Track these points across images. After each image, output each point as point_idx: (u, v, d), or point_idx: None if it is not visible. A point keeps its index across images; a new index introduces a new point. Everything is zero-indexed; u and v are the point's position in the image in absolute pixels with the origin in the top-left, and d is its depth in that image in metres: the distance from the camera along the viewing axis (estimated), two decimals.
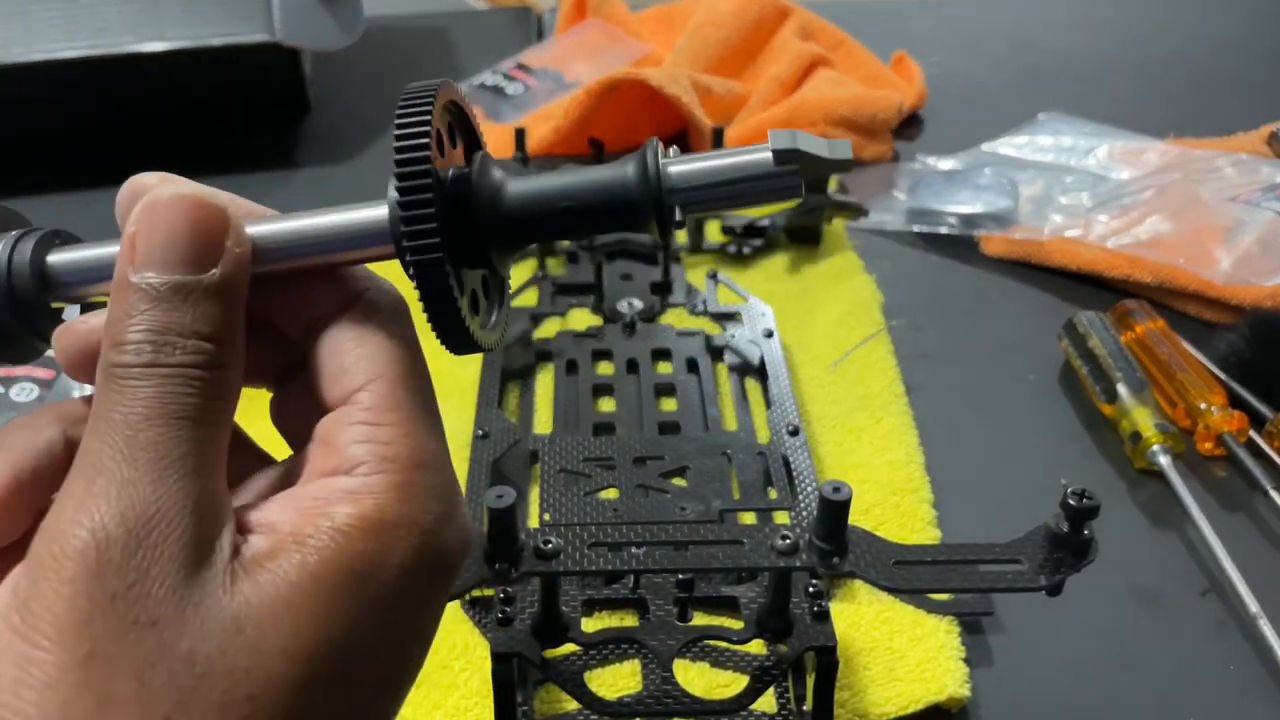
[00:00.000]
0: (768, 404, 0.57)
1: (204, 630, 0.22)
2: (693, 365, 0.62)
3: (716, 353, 0.63)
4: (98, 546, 0.21)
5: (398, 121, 0.24)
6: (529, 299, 0.66)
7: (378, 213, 0.25)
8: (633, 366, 0.62)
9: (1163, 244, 0.70)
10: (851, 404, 0.60)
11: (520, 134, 0.76)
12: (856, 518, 0.40)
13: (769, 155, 0.24)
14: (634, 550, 0.40)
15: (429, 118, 0.24)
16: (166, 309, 0.23)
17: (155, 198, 0.24)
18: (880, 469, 0.56)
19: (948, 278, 0.74)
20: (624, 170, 0.25)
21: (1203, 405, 0.57)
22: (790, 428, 0.54)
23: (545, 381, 0.62)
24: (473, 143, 0.27)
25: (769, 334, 0.61)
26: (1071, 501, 0.38)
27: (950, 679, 0.44)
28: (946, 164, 0.85)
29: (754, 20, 0.98)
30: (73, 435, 0.26)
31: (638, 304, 0.66)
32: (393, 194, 0.24)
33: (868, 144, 0.88)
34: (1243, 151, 0.81)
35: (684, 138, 0.88)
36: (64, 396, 0.62)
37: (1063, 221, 0.75)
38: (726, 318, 0.65)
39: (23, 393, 0.61)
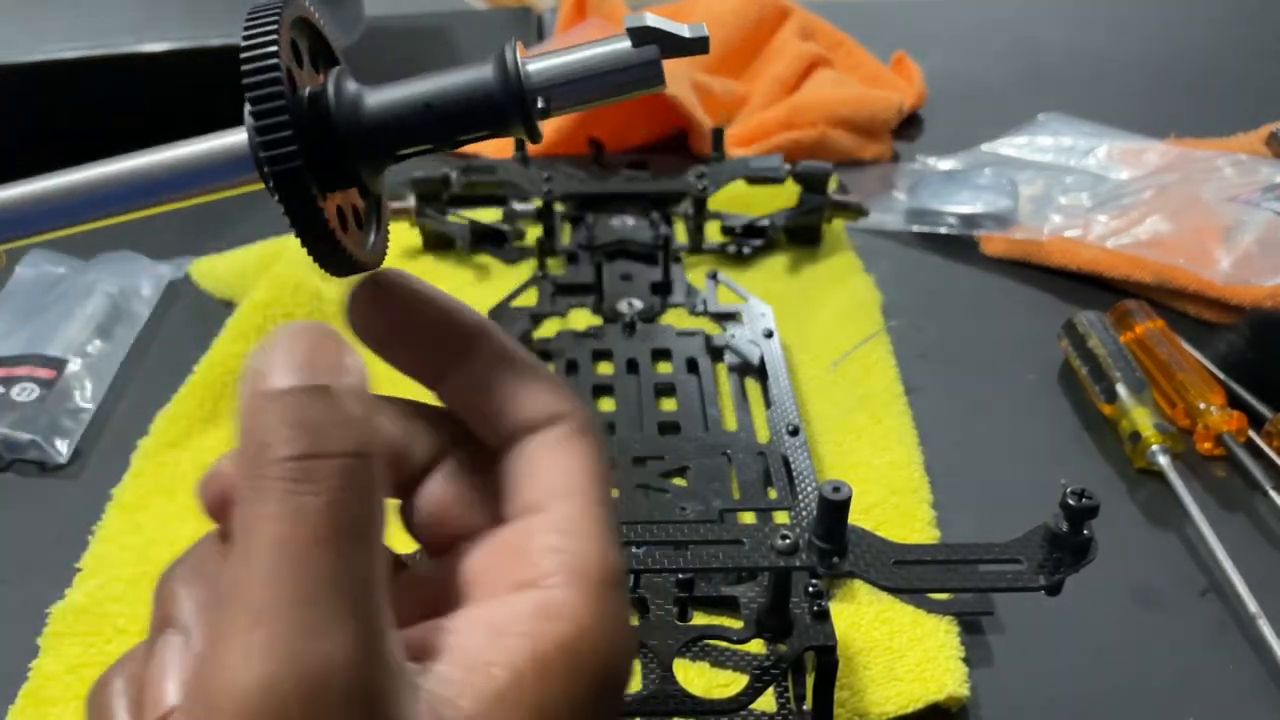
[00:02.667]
0: (767, 404, 0.57)
1: None
2: (693, 365, 0.62)
3: (716, 353, 0.63)
4: (272, 711, 0.18)
5: (243, 38, 0.23)
6: (529, 299, 0.66)
7: (235, 140, 0.24)
8: (633, 366, 0.62)
9: (1162, 244, 0.70)
10: (851, 404, 0.60)
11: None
12: (856, 517, 0.40)
13: (626, 43, 0.24)
14: (634, 550, 0.40)
15: (275, 29, 0.23)
16: (311, 405, 0.21)
17: (260, 349, 0.22)
18: (880, 469, 0.56)
19: (947, 278, 0.74)
20: (484, 70, 0.24)
21: (1202, 405, 0.57)
22: (790, 428, 0.54)
23: None
24: (331, 58, 0.26)
25: (769, 334, 0.61)
26: (1071, 501, 0.38)
27: (950, 678, 0.44)
28: (946, 164, 0.85)
29: (754, 20, 0.98)
30: None
31: (638, 304, 0.66)
32: (249, 117, 0.23)
33: (868, 144, 0.88)
34: (1242, 152, 0.81)
35: (684, 138, 0.88)
36: (66, 398, 0.62)
37: (1062, 221, 0.75)
38: (726, 318, 0.65)
39: (23, 392, 0.61)
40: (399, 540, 0.25)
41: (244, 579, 0.19)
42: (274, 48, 0.22)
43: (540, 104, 0.24)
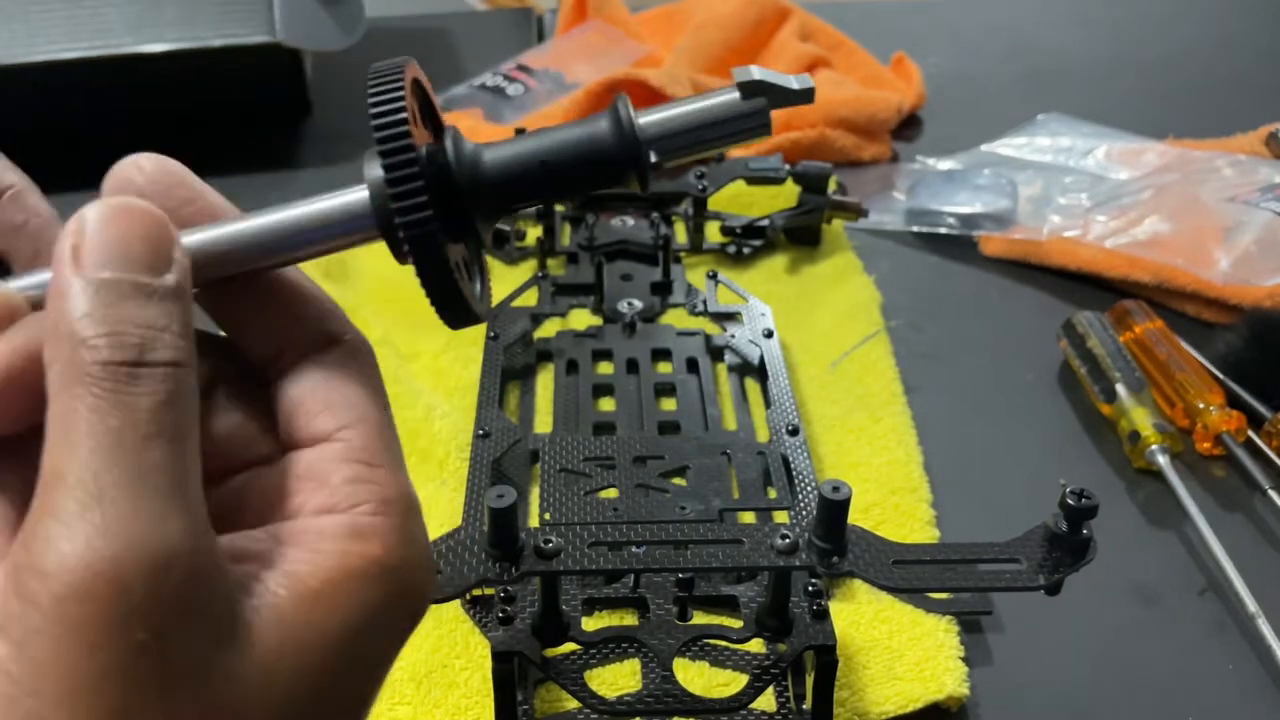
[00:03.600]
0: (767, 404, 0.57)
1: (237, 686, 0.20)
2: (693, 365, 0.62)
3: (716, 353, 0.64)
4: (116, 588, 0.18)
5: (372, 101, 0.23)
6: (529, 299, 0.67)
7: (357, 196, 0.25)
8: (633, 366, 0.62)
9: (1161, 244, 0.70)
10: (851, 404, 0.61)
11: (521, 135, 0.76)
12: (856, 517, 0.40)
13: (735, 95, 0.25)
14: (634, 549, 0.40)
15: (403, 93, 0.24)
16: (136, 304, 0.21)
17: (91, 207, 0.22)
18: (879, 468, 0.56)
19: (947, 278, 0.74)
20: (598, 126, 0.25)
21: (1201, 405, 0.57)
22: (790, 427, 0.54)
23: (545, 381, 0.63)
24: (436, 121, 0.27)
25: (769, 334, 0.61)
26: (1070, 501, 0.38)
27: (949, 678, 0.44)
28: (946, 164, 0.85)
29: (754, 21, 0.98)
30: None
31: (638, 304, 0.66)
32: (375, 174, 0.24)
33: (867, 145, 0.88)
34: (1241, 152, 0.81)
35: None
36: None
37: (1062, 222, 0.75)
38: (726, 318, 0.65)
39: None
40: None
41: (71, 465, 0.19)
42: (404, 111, 0.23)
43: (653, 157, 0.25)
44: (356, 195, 0.25)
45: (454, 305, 0.25)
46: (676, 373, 0.61)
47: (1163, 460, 0.55)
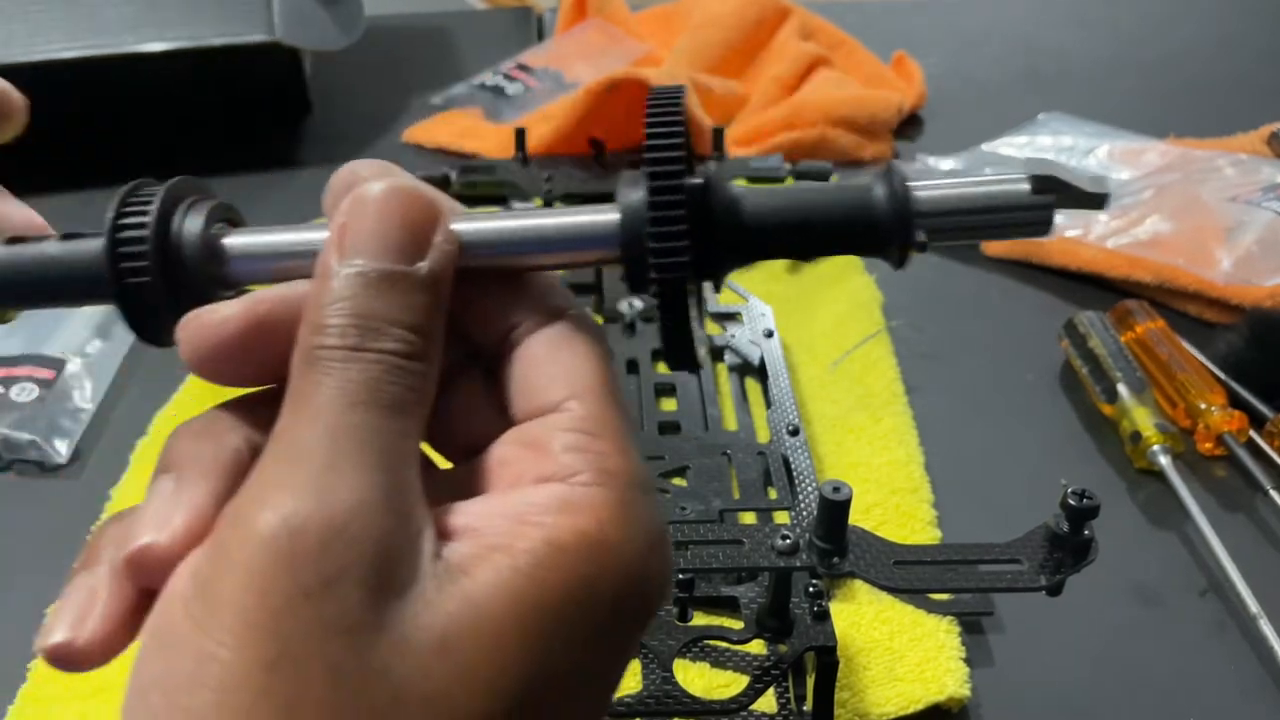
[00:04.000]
0: (768, 404, 0.57)
1: (404, 646, 0.19)
2: None
3: (717, 353, 0.63)
4: (291, 535, 0.19)
5: (651, 126, 0.23)
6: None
7: (608, 217, 0.24)
8: (633, 366, 0.62)
9: (1163, 244, 0.70)
10: (851, 404, 0.60)
11: (520, 134, 0.76)
12: (856, 518, 0.40)
13: (1025, 186, 0.23)
14: None
15: (681, 122, 0.23)
16: (374, 295, 0.22)
17: (367, 189, 0.23)
18: (880, 469, 0.56)
19: (948, 278, 0.74)
20: (870, 191, 0.24)
21: (1203, 405, 0.57)
22: (790, 428, 0.54)
23: None
24: (690, 152, 0.26)
25: (769, 334, 0.61)
26: (1071, 501, 0.38)
27: (950, 679, 0.44)
28: (947, 164, 0.85)
29: (754, 20, 0.98)
30: (257, 444, 0.23)
31: (638, 304, 0.66)
32: (633, 199, 0.23)
33: (868, 144, 0.88)
34: (1243, 151, 0.81)
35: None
36: (65, 398, 0.62)
37: (1063, 221, 0.75)
38: (726, 318, 0.65)
39: (23, 393, 0.61)
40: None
41: (288, 429, 0.21)
42: (680, 146, 0.22)
43: (921, 235, 0.23)
44: (606, 216, 0.24)
45: (684, 348, 0.24)
46: (677, 373, 0.61)
47: (1164, 460, 0.55)
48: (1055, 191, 0.23)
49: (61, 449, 0.59)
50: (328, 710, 0.19)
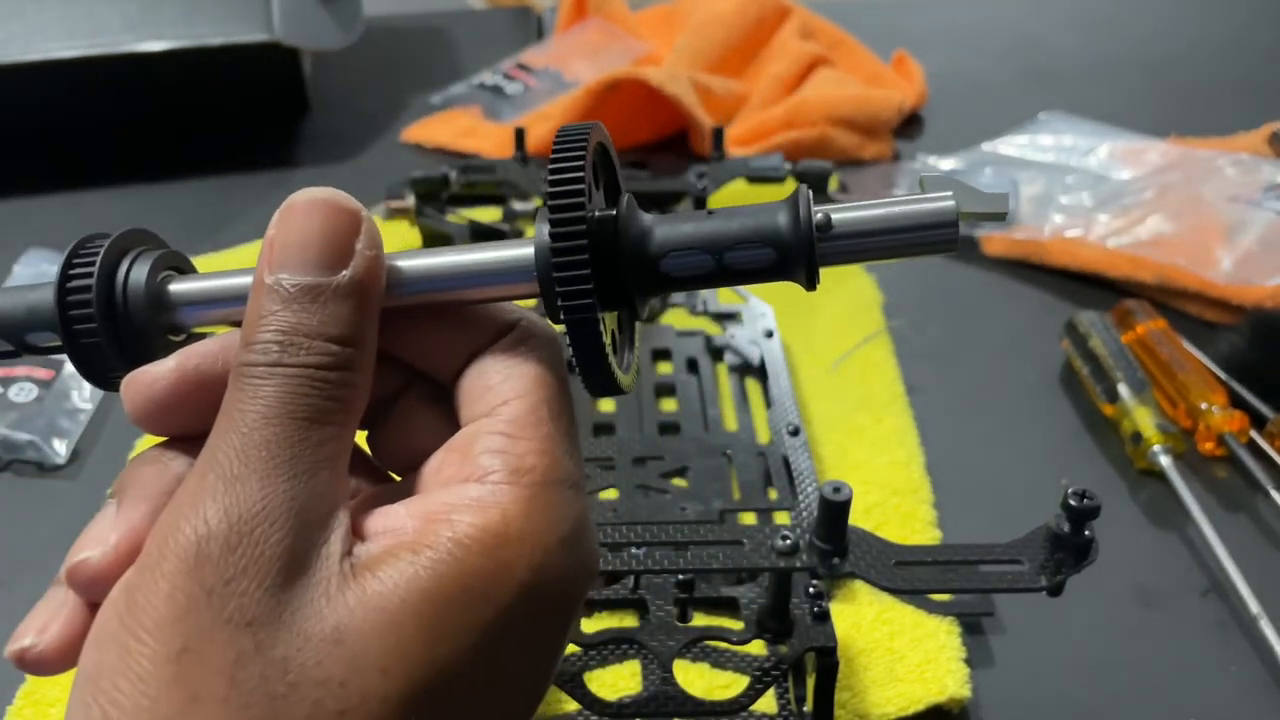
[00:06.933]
0: (768, 404, 0.56)
1: (300, 636, 0.21)
2: (693, 365, 0.62)
3: (717, 353, 0.63)
4: (199, 541, 0.21)
5: (553, 164, 0.24)
6: (529, 300, 0.66)
7: (522, 252, 0.25)
8: None
9: (1164, 244, 0.70)
10: (852, 404, 0.60)
11: (520, 134, 0.76)
12: (857, 518, 0.40)
13: (928, 205, 0.24)
14: (634, 550, 0.40)
15: (583, 161, 0.23)
16: (296, 310, 0.23)
17: (290, 202, 0.24)
18: (881, 469, 0.55)
19: (948, 278, 0.74)
20: (775, 216, 0.24)
21: (1204, 405, 0.57)
22: (790, 428, 0.54)
23: None
24: (614, 184, 0.27)
25: (769, 334, 0.61)
26: (1072, 502, 0.38)
27: (951, 679, 0.44)
28: (947, 163, 0.85)
29: (754, 19, 0.97)
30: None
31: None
32: (543, 236, 0.24)
33: (868, 144, 0.88)
34: (1244, 151, 0.81)
35: (684, 137, 0.88)
36: (64, 398, 0.61)
37: (1064, 221, 0.75)
38: (726, 318, 0.65)
39: (21, 393, 0.61)
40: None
41: (210, 445, 0.23)
42: (581, 184, 0.23)
43: (821, 255, 0.24)
44: (521, 251, 0.25)
45: (600, 375, 0.25)
46: (677, 373, 0.61)
47: (1165, 461, 0.55)
48: (958, 208, 0.24)
49: (60, 449, 0.59)
50: (230, 696, 0.20)
